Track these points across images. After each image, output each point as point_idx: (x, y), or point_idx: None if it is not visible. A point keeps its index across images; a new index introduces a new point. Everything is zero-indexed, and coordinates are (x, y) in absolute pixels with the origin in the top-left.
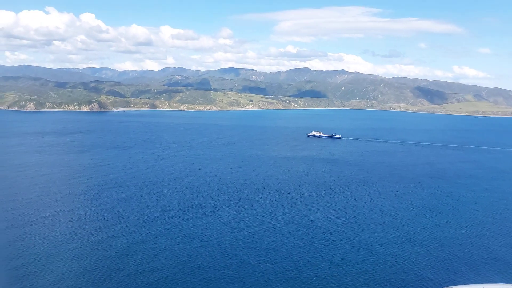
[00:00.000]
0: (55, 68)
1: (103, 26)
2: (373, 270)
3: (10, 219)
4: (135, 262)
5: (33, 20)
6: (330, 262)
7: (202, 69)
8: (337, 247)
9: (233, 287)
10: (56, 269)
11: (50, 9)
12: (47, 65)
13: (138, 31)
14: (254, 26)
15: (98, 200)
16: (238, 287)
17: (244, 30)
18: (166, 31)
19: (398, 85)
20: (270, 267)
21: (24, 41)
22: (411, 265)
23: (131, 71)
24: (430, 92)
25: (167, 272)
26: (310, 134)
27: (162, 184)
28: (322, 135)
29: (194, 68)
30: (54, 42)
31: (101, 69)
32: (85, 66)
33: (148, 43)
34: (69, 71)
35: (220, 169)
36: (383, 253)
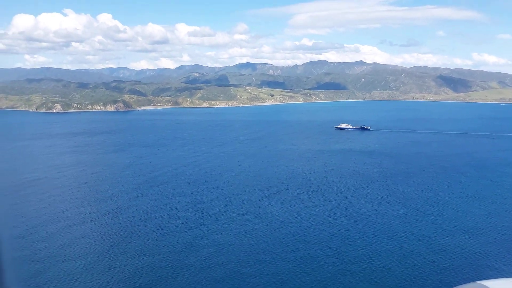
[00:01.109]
0: (73, 69)
1: (120, 26)
2: (442, 261)
3: (70, 218)
4: (201, 257)
5: (51, 23)
6: (395, 253)
7: (217, 65)
8: (398, 239)
9: (306, 280)
10: (129, 265)
11: (68, 11)
12: (65, 67)
13: (155, 29)
14: (269, 21)
15: (148, 197)
16: (311, 280)
17: (260, 25)
18: (182, 29)
19: (419, 74)
20: (335, 260)
21: (44, 44)
22: (480, 255)
23: (148, 69)
24: (453, 80)
25: (236, 266)
26: (339, 126)
27: (206, 180)
28: (350, 127)
29: (209, 64)
30: (73, 43)
31: (118, 68)
32: (102, 66)
33: (164, 41)
34: (87, 72)
35: (258, 163)
36: (449, 245)
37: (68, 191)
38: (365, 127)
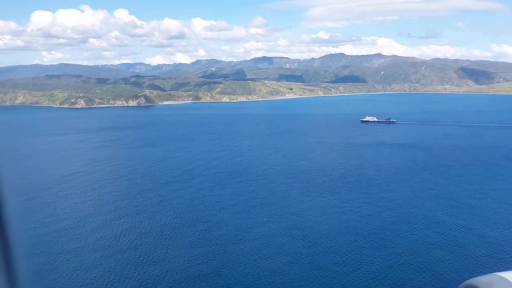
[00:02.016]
0: (90, 65)
1: (137, 21)
2: (499, 254)
3: (116, 210)
4: (253, 248)
5: (69, 19)
6: (448, 246)
7: (232, 59)
8: (448, 232)
9: (361, 273)
10: (182, 255)
11: (85, 7)
12: (81, 63)
13: (171, 24)
14: (285, 14)
15: (189, 189)
16: (365, 273)
17: (276, 18)
18: (198, 23)
19: (440, 66)
20: (387, 252)
21: (62, 40)
22: None
23: (164, 65)
24: (475, 72)
25: (289, 258)
26: (364, 119)
27: (241, 173)
28: (376, 120)
29: (224, 59)
30: (90, 39)
31: (134, 64)
32: (117, 62)
33: (180, 36)
34: (104, 68)
35: (289, 157)
36: (500, 237)
37: (109, 184)
38: (391, 120)
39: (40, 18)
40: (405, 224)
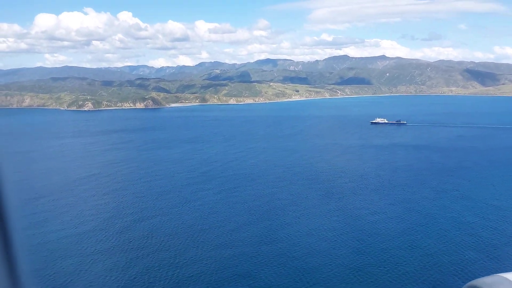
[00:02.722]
0: (93, 67)
1: (141, 24)
2: None
3: (142, 211)
4: (281, 249)
5: (72, 22)
6: (480, 247)
7: (236, 62)
8: (479, 234)
9: (396, 274)
10: (212, 257)
11: (88, 9)
12: (84, 65)
13: (175, 27)
14: (289, 16)
15: (209, 191)
16: (400, 274)
17: (279, 20)
18: (202, 26)
19: (445, 68)
20: (417, 253)
21: (65, 43)
22: None
23: (168, 67)
24: (480, 74)
25: (320, 259)
26: (374, 121)
27: (258, 175)
28: (386, 122)
29: (227, 61)
30: (93, 42)
31: (138, 66)
32: (120, 64)
33: (184, 39)
34: (108, 70)
35: (304, 159)
36: None
37: (130, 186)
38: (401, 122)
39: (44, 21)
40: (434, 226)
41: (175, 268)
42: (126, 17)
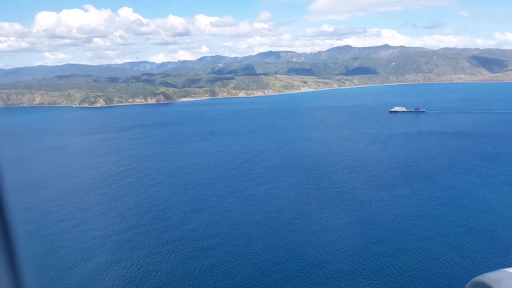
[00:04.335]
0: (94, 65)
1: (142, 19)
2: None
3: (193, 202)
4: (336, 239)
5: (73, 19)
6: None
7: (236, 55)
8: None
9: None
10: (289, 244)
11: (89, 6)
12: (83, 62)
13: (176, 21)
14: (288, 8)
15: (253, 181)
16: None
17: (279, 12)
18: (202, 20)
19: (451, 55)
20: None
21: (66, 40)
22: None
23: (169, 62)
24: (488, 60)
25: (392, 245)
26: (392, 110)
27: (295, 166)
28: (405, 110)
29: (227, 54)
30: (94, 39)
31: (138, 62)
32: (120, 61)
33: (185, 33)
34: (109, 67)
35: (334, 148)
36: None
37: (174, 178)
38: (420, 110)
39: (45, 19)
40: (495, 211)
41: (228, 258)
42: (126, 13)
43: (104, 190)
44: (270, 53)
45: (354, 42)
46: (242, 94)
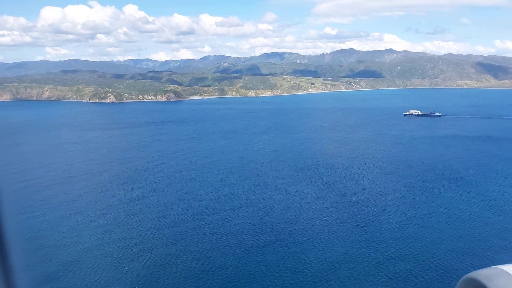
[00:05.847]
0: (96, 61)
1: (148, 17)
2: None
3: (234, 199)
4: (370, 233)
5: (78, 15)
6: None
7: (239, 55)
8: None
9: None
10: (344, 241)
11: (93, 3)
12: (85, 59)
13: (181, 20)
14: (292, 10)
15: (288, 179)
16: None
17: (282, 14)
18: (206, 19)
19: (456, 61)
20: None
21: (70, 36)
22: None
23: (172, 60)
24: (493, 67)
25: (449, 244)
26: (407, 113)
27: (328, 165)
28: (420, 113)
29: (229, 54)
30: (98, 35)
31: (141, 60)
32: (122, 58)
33: (190, 32)
34: (112, 64)
35: (360, 150)
36: None
37: (209, 174)
38: (436, 113)
39: (50, 14)
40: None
41: (265, 250)
42: (132, 10)
43: (144, 184)
44: (274, 54)
45: (356, 45)
46: (251, 93)
